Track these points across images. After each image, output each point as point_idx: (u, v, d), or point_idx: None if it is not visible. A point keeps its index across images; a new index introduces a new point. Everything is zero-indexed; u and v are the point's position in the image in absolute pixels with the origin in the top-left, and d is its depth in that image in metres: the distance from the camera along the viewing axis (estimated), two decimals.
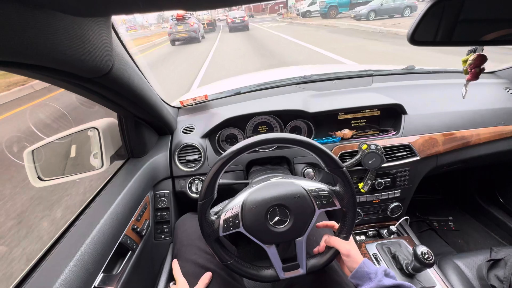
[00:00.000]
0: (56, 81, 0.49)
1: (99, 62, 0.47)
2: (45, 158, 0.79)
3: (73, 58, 0.40)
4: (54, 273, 0.49)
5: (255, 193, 0.59)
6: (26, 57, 0.35)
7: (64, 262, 0.52)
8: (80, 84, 0.51)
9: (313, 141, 0.57)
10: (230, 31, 16.62)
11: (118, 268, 0.67)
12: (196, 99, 1.10)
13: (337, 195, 0.59)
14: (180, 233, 0.80)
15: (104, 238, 0.61)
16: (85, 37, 0.40)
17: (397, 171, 0.98)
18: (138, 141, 0.88)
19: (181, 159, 0.98)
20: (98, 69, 0.48)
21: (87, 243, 0.57)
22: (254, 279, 0.61)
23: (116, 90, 0.60)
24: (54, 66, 0.40)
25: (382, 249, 0.92)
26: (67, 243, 0.57)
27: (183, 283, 0.65)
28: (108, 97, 0.62)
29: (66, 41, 0.37)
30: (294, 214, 0.57)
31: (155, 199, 0.94)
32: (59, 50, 0.37)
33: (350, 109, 1.02)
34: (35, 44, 0.33)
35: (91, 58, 0.43)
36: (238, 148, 0.56)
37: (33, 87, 5.66)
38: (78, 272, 0.52)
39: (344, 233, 0.61)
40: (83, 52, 0.41)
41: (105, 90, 0.58)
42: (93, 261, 0.56)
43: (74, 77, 0.46)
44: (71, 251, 0.54)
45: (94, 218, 0.63)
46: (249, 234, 0.57)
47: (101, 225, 0.62)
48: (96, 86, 0.55)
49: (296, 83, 1.25)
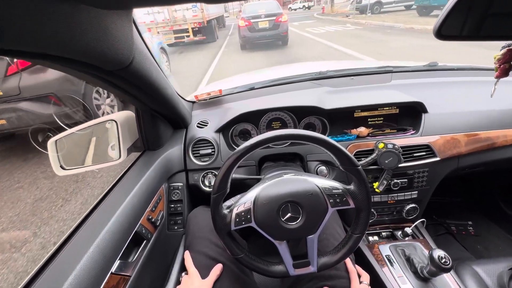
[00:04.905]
0: (79, 73, 0.52)
1: (121, 55, 0.49)
2: (67, 148, 0.85)
3: (96, 51, 0.42)
4: (74, 258, 0.53)
5: (268, 189, 0.60)
6: (51, 49, 0.37)
7: (83, 248, 0.55)
8: (101, 76, 0.54)
9: (328, 139, 0.57)
10: (244, 48, 8.73)
11: (133, 256, 0.71)
12: (210, 93, 1.14)
13: (352, 194, 0.59)
14: (192, 225, 0.84)
15: (121, 227, 0.65)
16: (108, 30, 0.42)
17: (414, 171, 0.96)
18: (154, 134, 0.93)
19: (195, 153, 1.02)
20: (119, 62, 0.50)
21: (105, 231, 0.60)
22: (264, 274, 0.63)
23: (135, 83, 0.63)
24: (78, 58, 0.42)
25: (396, 251, 0.92)
26: (87, 230, 0.62)
27: (194, 274, 0.68)
28: (127, 90, 0.65)
29: (90, 33, 0.39)
30: (306, 211, 0.58)
31: (169, 191, 0.99)
32: (83, 42, 0.39)
33: (367, 107, 1.01)
34: (60, 35, 0.35)
35: (113, 50, 0.46)
36: (252, 143, 0.57)
37: None
38: (97, 258, 0.56)
39: (358, 232, 0.61)
40: (106, 45, 0.43)
41: (124, 83, 0.61)
42: (110, 248, 0.60)
43: (96, 69, 0.49)
44: (90, 238, 0.58)
45: (112, 207, 0.67)
46: (260, 229, 0.59)
47: (118, 214, 0.66)
48: (116, 79, 0.58)
49: (311, 79, 1.25)
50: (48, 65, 0.44)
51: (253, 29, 8.08)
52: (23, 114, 2.74)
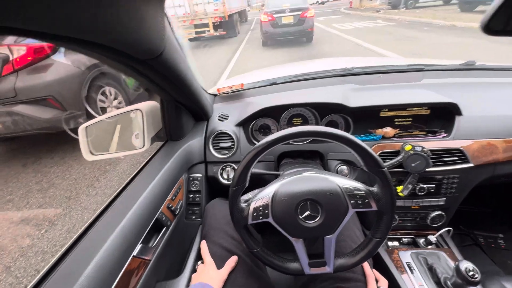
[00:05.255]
0: (111, 62, 0.55)
1: (153, 45, 0.53)
2: (96, 135, 0.89)
3: (131, 38, 0.46)
4: (99, 241, 0.58)
5: (287, 185, 0.61)
6: (89, 35, 0.39)
7: (108, 231, 0.60)
8: (133, 65, 0.58)
9: (354, 138, 0.57)
10: (266, 44, 8.44)
11: (153, 241, 0.76)
12: (232, 87, 1.17)
13: (375, 196, 0.58)
14: (209, 216, 0.87)
15: (143, 213, 0.70)
16: (143, 19, 0.45)
17: (443, 177, 0.92)
18: (177, 125, 0.97)
19: (215, 145, 1.05)
20: (152, 51, 0.54)
21: (128, 216, 0.65)
22: (279, 270, 0.63)
23: (163, 73, 0.66)
24: (113, 46, 0.46)
25: (418, 258, 0.89)
26: (111, 214, 0.67)
27: (210, 264, 0.72)
28: (155, 81, 0.69)
29: (126, 21, 0.42)
30: (325, 210, 0.58)
31: (189, 182, 1.03)
32: (120, 30, 0.42)
33: (395, 106, 0.99)
34: (100, 22, 0.37)
35: (147, 39, 0.50)
36: (275, 137, 0.58)
37: None
38: (121, 241, 0.61)
39: (378, 236, 0.60)
40: (140, 34, 0.47)
41: (153, 73, 0.64)
42: (133, 232, 0.65)
43: (129, 58, 0.52)
44: (115, 222, 0.63)
45: (136, 194, 0.72)
46: (277, 225, 0.59)
47: (141, 200, 0.71)
48: (146, 69, 0.61)
49: (335, 75, 1.24)
50: (83, 52, 0.47)
51: (276, 24, 7.67)
52: (19, 119, 2.48)
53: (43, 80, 2.67)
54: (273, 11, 7.60)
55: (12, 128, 2.63)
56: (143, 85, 0.75)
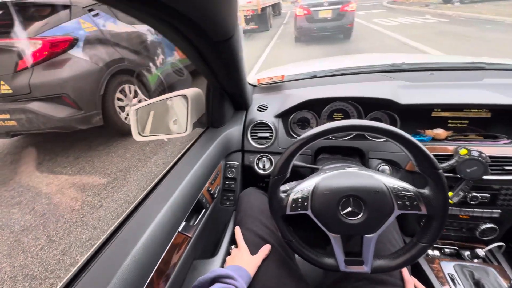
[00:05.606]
0: (182, 42, 0.62)
1: (227, 27, 0.59)
2: (144, 117, 0.96)
3: (214, 17, 0.52)
4: (152, 213, 0.66)
5: (329, 180, 0.62)
6: (182, 5, 0.45)
7: (158, 207, 0.68)
8: (201, 47, 0.65)
9: (409, 135, 0.56)
10: (299, 40, 8.16)
11: (194, 220, 0.84)
12: (272, 78, 1.21)
13: (425, 199, 0.56)
14: (244, 204, 0.93)
15: (188, 192, 0.77)
16: (225, 2, 0.52)
17: (502, 187, 0.87)
18: (219, 112, 1.04)
19: (253, 135, 1.10)
20: (225, 33, 0.61)
21: (176, 194, 0.73)
22: (313, 263, 0.66)
23: (225, 57, 0.74)
24: (199, 21, 0.51)
25: (462, 271, 0.86)
26: (161, 191, 0.75)
27: (244, 248, 0.76)
28: (214, 65, 0.77)
29: (211, 2, 0.48)
30: (369, 209, 0.58)
31: (225, 168, 1.09)
32: (207, 6, 0.48)
33: (451, 106, 0.95)
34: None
35: (224, 21, 0.56)
36: (324, 129, 0.59)
37: None
38: (170, 215, 0.68)
39: (425, 242, 0.59)
40: (221, 14, 0.53)
41: (216, 56, 0.71)
42: (179, 210, 0.72)
43: (205, 37, 0.59)
44: (164, 199, 0.70)
45: (182, 174, 0.80)
46: (316, 218, 0.61)
47: (186, 181, 0.78)
48: (213, 51, 0.68)
49: (381, 71, 1.22)
50: (161, 28, 0.54)
51: (312, 19, 7.27)
52: (33, 117, 2.37)
53: (58, 76, 2.53)
54: (310, 4, 7.22)
55: (27, 126, 2.52)
56: (199, 69, 0.79)
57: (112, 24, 3.26)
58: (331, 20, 7.14)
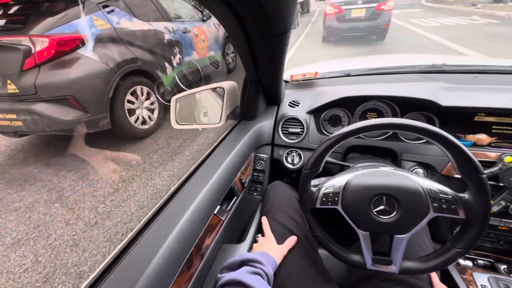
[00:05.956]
0: (237, 31, 0.68)
1: (288, 20, 0.63)
2: (183, 107, 1.02)
3: (284, 9, 0.57)
4: (191, 196, 0.72)
5: (362, 177, 0.64)
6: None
7: (199, 188, 0.74)
8: (257, 38, 0.70)
9: (452, 137, 0.56)
10: (327, 41, 7.86)
11: (226, 206, 0.93)
12: (306, 75, 1.26)
13: (464, 204, 0.56)
14: (271, 196, 0.99)
15: (224, 178, 0.84)
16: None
17: None
18: (253, 106, 1.11)
19: (284, 130, 1.16)
20: (285, 26, 0.65)
21: (213, 180, 0.79)
22: (339, 258, 0.68)
23: (276, 51, 0.79)
24: (270, 10, 0.55)
25: (498, 284, 0.83)
26: (200, 176, 0.81)
27: (271, 237, 0.81)
28: (262, 58, 0.83)
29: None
30: (402, 208, 0.59)
31: (255, 160, 1.17)
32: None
33: (498, 111, 0.93)
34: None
35: (287, 14, 0.60)
36: (364, 125, 0.60)
37: None
38: (208, 198, 0.74)
39: (460, 247, 0.58)
40: (289, 8, 0.58)
41: (268, 49, 0.77)
42: (215, 194, 0.79)
43: (265, 28, 0.63)
44: (204, 182, 0.77)
45: (217, 162, 0.87)
46: (345, 214, 0.63)
47: (223, 167, 0.85)
48: (268, 43, 0.73)
49: (420, 71, 1.23)
50: (221, 14, 0.60)
51: (343, 18, 6.95)
52: (38, 119, 2.25)
53: (64, 77, 2.42)
54: (342, 2, 6.95)
55: (32, 127, 2.44)
56: (243, 60, 0.86)
57: (127, 22, 3.14)
58: (364, 19, 6.82)
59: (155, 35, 3.54)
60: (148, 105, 3.53)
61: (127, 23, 3.22)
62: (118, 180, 2.61)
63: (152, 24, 3.56)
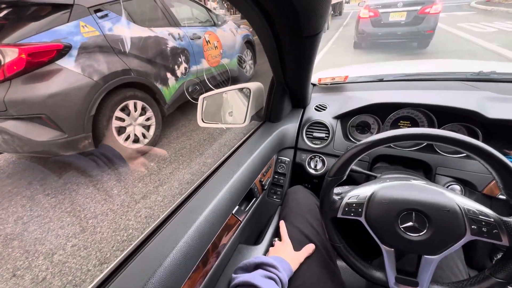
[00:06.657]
0: (266, 32, 0.68)
1: (318, 23, 0.63)
2: (209, 106, 1.07)
3: (314, 10, 0.56)
4: (212, 193, 0.74)
5: (391, 189, 0.62)
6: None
7: (219, 187, 0.78)
8: (288, 40, 0.70)
9: (499, 154, 0.54)
10: (358, 47, 7.34)
11: (245, 207, 0.98)
12: (335, 78, 1.27)
13: (509, 229, 0.52)
14: (291, 200, 1.05)
15: (244, 179, 0.89)
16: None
17: None
18: (278, 107, 1.15)
19: (308, 134, 1.23)
20: (316, 28, 0.66)
21: (233, 179, 0.84)
22: (358, 272, 0.68)
23: (306, 54, 0.80)
24: (300, 11, 0.54)
25: None
26: (219, 176, 0.85)
27: (288, 243, 0.85)
28: (290, 60, 0.84)
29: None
30: (434, 227, 0.56)
31: (277, 163, 1.23)
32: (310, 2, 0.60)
33: None
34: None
35: (319, 17, 0.60)
36: (396, 134, 0.57)
37: None
38: (227, 198, 0.78)
39: (501, 277, 0.54)
40: (320, 10, 0.57)
41: (298, 52, 0.77)
42: (235, 193, 0.83)
43: (296, 30, 0.63)
44: (224, 181, 0.82)
45: (239, 162, 0.92)
46: (369, 227, 0.63)
47: (244, 168, 0.90)
48: (298, 45, 0.72)
49: (463, 79, 1.19)
50: (251, 19, 0.64)
51: (379, 22, 6.36)
52: (8, 138, 1.87)
53: (38, 92, 2.09)
54: (379, 4, 6.54)
55: (4, 147, 2.11)
56: (271, 62, 0.86)
57: (122, 28, 2.86)
58: (404, 24, 6.36)
59: (156, 42, 3.35)
60: (142, 122, 3.22)
61: (123, 29, 3.10)
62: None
63: (154, 30, 3.47)
